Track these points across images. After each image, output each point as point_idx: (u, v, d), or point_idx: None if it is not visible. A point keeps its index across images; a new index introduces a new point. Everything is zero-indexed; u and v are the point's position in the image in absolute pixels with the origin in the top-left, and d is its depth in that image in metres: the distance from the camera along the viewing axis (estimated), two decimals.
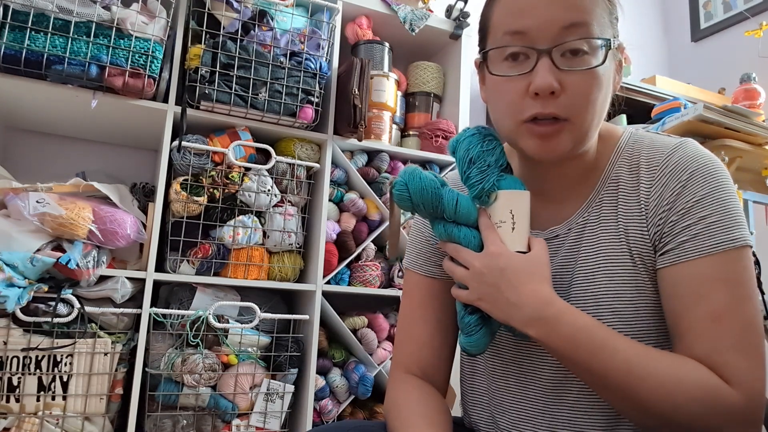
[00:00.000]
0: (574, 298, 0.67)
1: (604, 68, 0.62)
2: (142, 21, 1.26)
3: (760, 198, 1.73)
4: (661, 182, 0.64)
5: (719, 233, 0.60)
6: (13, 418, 1.13)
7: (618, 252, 0.66)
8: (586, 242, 0.68)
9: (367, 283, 1.50)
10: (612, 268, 0.66)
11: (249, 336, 1.33)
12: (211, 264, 1.33)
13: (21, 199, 1.15)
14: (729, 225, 0.60)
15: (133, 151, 1.68)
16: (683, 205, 0.62)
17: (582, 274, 0.68)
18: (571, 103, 0.61)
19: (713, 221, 0.61)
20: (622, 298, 0.65)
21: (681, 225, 0.62)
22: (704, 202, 0.61)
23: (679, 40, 2.73)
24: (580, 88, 0.61)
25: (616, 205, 0.67)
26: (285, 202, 1.43)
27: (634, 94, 2.06)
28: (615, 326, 0.64)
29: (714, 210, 0.61)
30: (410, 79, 1.74)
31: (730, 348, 0.58)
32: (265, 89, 1.37)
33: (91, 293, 1.22)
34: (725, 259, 0.60)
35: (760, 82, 2.03)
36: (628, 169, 0.68)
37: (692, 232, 0.61)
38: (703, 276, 0.60)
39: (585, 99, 0.62)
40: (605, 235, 0.67)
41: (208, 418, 1.29)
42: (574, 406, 0.67)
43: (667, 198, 0.63)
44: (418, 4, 1.72)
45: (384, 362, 1.48)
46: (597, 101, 0.63)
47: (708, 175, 0.63)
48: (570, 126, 0.63)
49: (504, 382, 0.73)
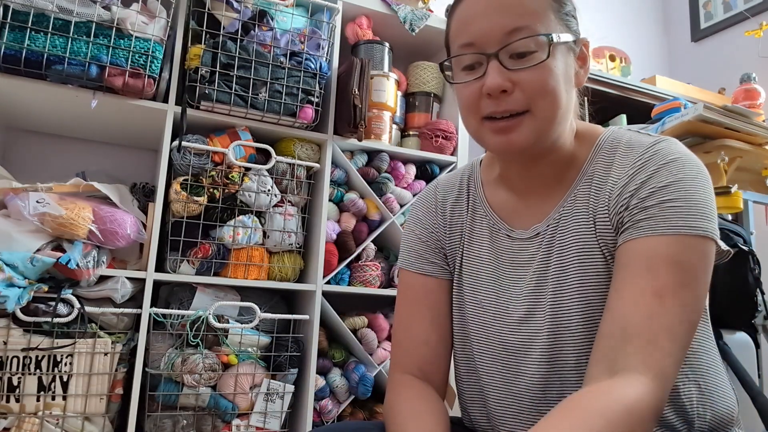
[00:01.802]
0: (551, 292, 0.69)
1: (554, 62, 0.65)
2: (142, 21, 1.26)
3: (760, 198, 1.73)
4: (629, 174, 0.66)
5: (678, 217, 0.61)
6: (13, 418, 1.13)
7: (588, 244, 0.67)
8: (560, 237, 0.70)
9: (367, 283, 1.50)
10: (582, 261, 0.67)
11: (249, 336, 1.33)
12: (211, 264, 1.33)
13: (21, 199, 1.15)
14: (690, 212, 0.61)
15: (133, 151, 1.68)
16: (646, 190, 0.63)
17: (556, 268, 0.69)
18: (526, 96, 0.65)
19: (674, 206, 0.62)
20: (592, 290, 0.66)
21: (640, 206, 0.63)
22: (668, 189, 0.62)
23: (679, 40, 2.73)
24: (532, 82, 0.65)
25: (588, 201, 0.69)
26: (285, 202, 1.43)
27: (634, 94, 2.06)
28: (586, 316, 0.65)
29: (677, 197, 0.62)
30: (410, 79, 1.74)
31: (666, 331, 0.58)
32: (265, 89, 1.37)
33: (91, 293, 1.22)
34: (679, 243, 0.60)
35: (760, 82, 2.03)
36: (602, 165, 0.69)
37: (650, 213, 0.62)
38: (655, 253, 0.61)
39: (539, 90, 0.65)
40: (577, 227, 0.69)
41: (208, 418, 1.29)
42: (558, 401, 0.67)
43: (632, 186, 0.65)
44: (418, 4, 1.72)
45: (384, 362, 1.48)
46: (554, 92, 0.65)
47: (678, 167, 0.64)
48: (530, 117, 0.66)
49: (494, 379, 0.74)
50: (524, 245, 0.73)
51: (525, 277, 0.72)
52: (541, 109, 0.66)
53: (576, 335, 0.67)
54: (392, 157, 1.59)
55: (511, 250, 0.74)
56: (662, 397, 0.57)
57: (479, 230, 0.79)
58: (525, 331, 0.71)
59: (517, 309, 0.72)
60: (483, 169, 0.83)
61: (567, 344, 0.67)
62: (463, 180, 0.83)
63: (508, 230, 0.75)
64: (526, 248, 0.73)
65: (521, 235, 0.74)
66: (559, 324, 0.68)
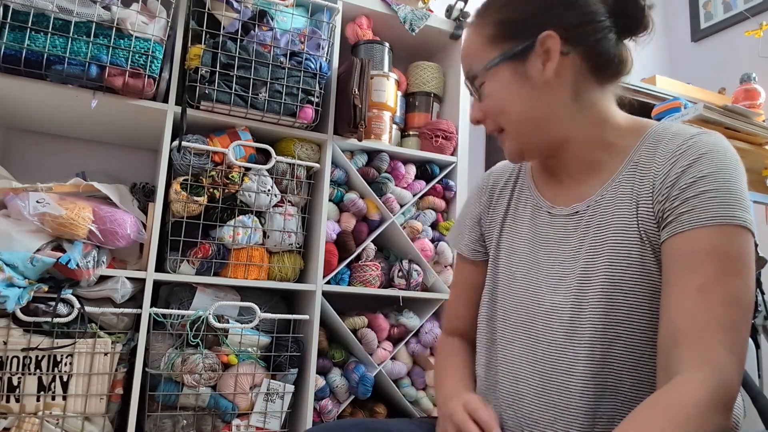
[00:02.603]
0: (580, 268, 0.71)
1: (496, 85, 0.74)
2: (142, 21, 1.26)
3: (760, 198, 1.73)
4: (671, 162, 0.67)
5: (716, 207, 0.62)
6: (13, 418, 1.13)
7: (627, 228, 0.69)
8: (599, 217, 0.72)
9: (367, 283, 1.50)
10: (616, 242, 0.69)
11: (249, 336, 1.33)
12: (211, 264, 1.33)
13: (21, 199, 1.15)
14: (728, 202, 0.63)
15: (133, 151, 1.68)
16: (686, 181, 0.65)
17: (590, 246, 0.71)
18: (493, 121, 0.77)
19: (712, 196, 0.63)
20: (623, 272, 0.68)
21: (681, 198, 0.65)
22: (706, 180, 0.64)
23: (679, 40, 2.73)
24: (491, 110, 0.76)
25: (633, 186, 0.71)
26: (285, 202, 1.43)
27: (634, 94, 2.05)
28: (613, 297, 0.67)
29: (715, 187, 0.63)
30: (410, 79, 1.74)
31: (712, 323, 0.59)
32: (265, 89, 1.37)
33: (91, 293, 1.22)
34: (720, 233, 0.62)
35: (760, 82, 2.03)
36: (647, 154, 0.71)
37: (691, 204, 0.64)
38: (696, 247, 0.62)
39: (497, 114, 0.75)
40: (618, 211, 0.71)
41: (208, 418, 1.29)
42: (568, 371, 0.70)
43: (673, 175, 0.66)
44: (418, 4, 1.72)
45: (384, 362, 1.48)
46: (509, 109, 0.74)
47: (716, 158, 0.65)
48: (505, 134, 0.77)
49: (511, 349, 0.78)
50: (562, 222, 0.77)
51: (558, 252, 0.76)
52: (508, 125, 0.75)
53: (597, 309, 0.69)
54: (392, 157, 1.59)
55: (550, 227, 0.78)
56: (721, 386, 0.57)
57: (523, 210, 0.84)
58: (550, 302, 0.73)
59: (546, 282, 0.75)
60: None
61: (587, 317, 0.69)
62: (515, 167, 0.90)
63: (549, 207, 0.79)
64: (564, 225, 0.77)
65: (561, 212, 0.77)
66: (581, 298, 0.70)
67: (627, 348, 0.67)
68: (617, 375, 0.68)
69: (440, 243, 1.60)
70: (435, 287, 1.59)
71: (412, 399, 1.52)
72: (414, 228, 1.56)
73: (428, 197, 1.62)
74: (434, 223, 1.63)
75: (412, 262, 1.56)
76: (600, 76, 0.74)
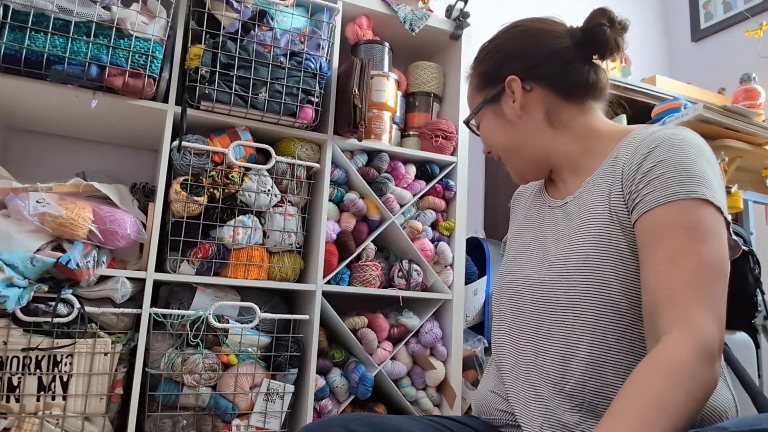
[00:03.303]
0: (564, 248, 0.80)
1: (486, 124, 0.92)
2: (142, 21, 1.26)
3: (760, 198, 1.73)
4: (637, 150, 0.76)
5: (675, 185, 0.70)
6: (13, 418, 1.13)
7: (600, 211, 0.77)
8: (580, 205, 0.82)
9: (367, 283, 1.50)
10: (592, 223, 0.77)
11: (249, 336, 1.33)
12: (211, 264, 1.33)
13: (21, 199, 1.15)
14: (685, 179, 0.70)
15: (133, 151, 1.68)
16: (647, 166, 0.73)
17: (571, 230, 0.81)
18: (494, 152, 0.94)
19: (670, 176, 0.70)
20: (596, 250, 0.75)
21: (644, 182, 0.72)
22: (665, 163, 0.72)
23: (679, 40, 2.73)
24: (485, 142, 0.95)
25: (609, 176, 0.79)
26: (285, 202, 1.43)
27: (634, 94, 2.05)
28: (586, 273, 0.75)
29: (673, 168, 0.71)
30: (410, 79, 1.74)
31: (686, 286, 0.65)
32: (265, 89, 1.37)
33: (91, 293, 1.22)
34: (682, 207, 0.68)
35: (760, 82, 2.03)
36: (624, 150, 0.79)
37: (653, 185, 0.71)
38: (662, 221, 0.69)
39: (492, 147, 0.93)
40: (595, 198, 0.79)
41: (208, 418, 1.29)
42: (564, 355, 0.77)
43: (637, 161, 0.75)
44: (418, 4, 1.72)
45: (384, 362, 1.48)
46: (499, 143, 0.91)
47: (674, 144, 0.73)
48: (503, 160, 0.94)
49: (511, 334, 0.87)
50: (555, 212, 0.87)
51: (549, 240, 0.85)
52: (500, 153, 0.93)
53: (573, 283, 0.77)
54: (392, 157, 1.59)
55: (545, 217, 0.90)
56: (701, 341, 0.61)
57: (532, 205, 0.96)
58: (539, 279, 0.82)
59: (539, 262, 0.84)
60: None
61: (566, 291, 0.78)
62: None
63: (548, 200, 0.91)
64: (556, 215, 0.87)
65: (554, 204, 0.88)
66: (562, 274, 0.78)
67: (597, 315, 0.74)
68: (590, 338, 0.75)
69: (440, 243, 1.60)
70: (435, 287, 1.59)
71: (412, 399, 1.52)
72: (414, 228, 1.56)
73: (428, 197, 1.62)
74: (434, 223, 1.63)
75: (412, 262, 1.56)
76: (572, 98, 0.86)
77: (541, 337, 0.80)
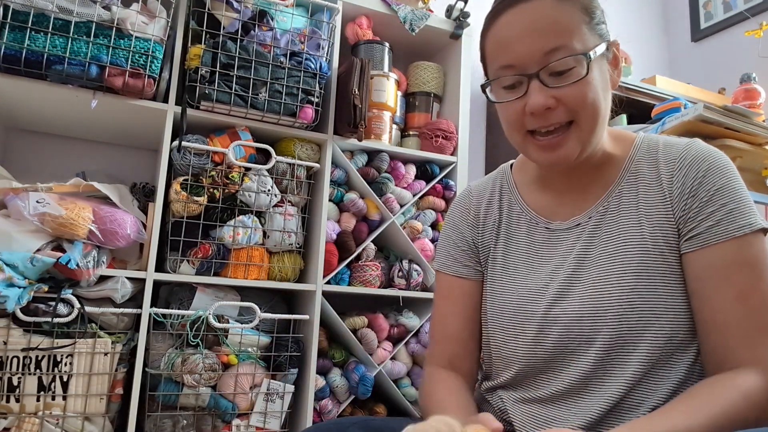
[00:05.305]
0: (596, 279, 0.73)
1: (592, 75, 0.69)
2: (142, 21, 1.26)
3: (760, 198, 1.73)
4: (682, 172, 0.72)
5: (739, 218, 0.68)
6: (13, 418, 1.13)
7: (636, 235, 0.73)
8: (607, 227, 0.75)
9: (367, 283, 1.50)
10: (629, 249, 0.72)
11: (249, 336, 1.33)
12: (211, 264, 1.33)
13: (21, 199, 1.15)
14: (746, 211, 0.69)
15: (133, 151, 1.68)
16: (705, 193, 0.70)
17: (601, 255, 0.74)
18: (568, 110, 0.70)
19: (733, 208, 0.69)
20: (635, 276, 0.71)
21: (705, 211, 0.70)
22: (723, 191, 0.70)
23: (679, 40, 2.73)
24: (574, 97, 0.69)
25: (637, 194, 0.75)
26: (285, 202, 1.43)
27: (634, 94, 2.05)
28: (631, 301, 0.70)
29: (732, 198, 0.69)
30: (410, 79, 1.74)
31: (758, 327, 0.66)
32: (265, 89, 1.37)
33: (91, 293, 1.22)
34: (745, 243, 0.68)
35: (760, 82, 2.03)
36: (647, 163, 0.76)
37: (716, 218, 0.69)
38: (728, 259, 0.68)
39: (581, 104, 0.69)
40: (625, 220, 0.74)
41: (208, 418, 1.29)
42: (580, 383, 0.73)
43: (690, 186, 0.71)
44: (418, 4, 1.72)
45: (384, 362, 1.48)
46: (595, 103, 0.70)
47: (723, 167, 0.72)
48: (575, 127, 0.71)
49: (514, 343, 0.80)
50: (563, 236, 0.79)
51: (563, 264, 0.77)
52: (584, 120, 0.70)
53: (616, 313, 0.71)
54: (392, 157, 1.59)
55: (549, 241, 0.80)
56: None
57: (516, 227, 0.84)
58: (562, 312, 0.75)
59: (551, 293, 0.76)
60: (515, 172, 0.89)
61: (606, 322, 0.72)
62: (495, 184, 0.90)
63: (546, 223, 0.81)
64: (566, 238, 0.78)
65: (560, 227, 0.79)
66: (599, 306, 0.72)
67: (643, 350, 0.70)
68: (632, 376, 0.70)
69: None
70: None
71: (412, 399, 1.52)
72: (414, 228, 1.56)
73: (428, 197, 1.62)
74: (434, 223, 1.63)
75: (412, 262, 1.56)
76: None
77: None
